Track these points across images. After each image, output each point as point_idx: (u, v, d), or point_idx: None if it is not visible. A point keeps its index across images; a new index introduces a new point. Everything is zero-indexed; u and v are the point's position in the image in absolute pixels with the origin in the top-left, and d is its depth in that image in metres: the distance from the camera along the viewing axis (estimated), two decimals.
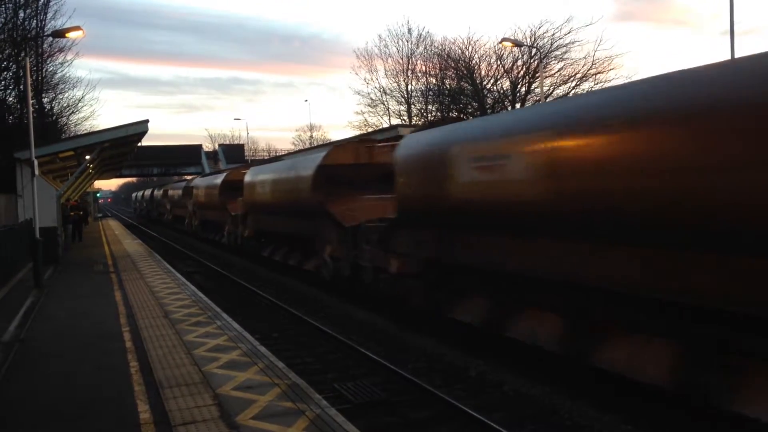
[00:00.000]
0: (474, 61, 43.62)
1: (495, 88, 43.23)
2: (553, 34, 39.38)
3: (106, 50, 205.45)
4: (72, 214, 32.34)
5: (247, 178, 26.13)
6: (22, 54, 29.42)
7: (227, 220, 31.31)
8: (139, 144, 33.41)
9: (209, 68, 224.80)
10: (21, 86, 30.18)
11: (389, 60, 49.85)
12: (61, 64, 36.44)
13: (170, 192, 56.41)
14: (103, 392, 7.83)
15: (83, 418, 7.03)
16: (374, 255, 14.96)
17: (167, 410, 6.98)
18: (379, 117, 50.85)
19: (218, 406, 7.05)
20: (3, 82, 31.27)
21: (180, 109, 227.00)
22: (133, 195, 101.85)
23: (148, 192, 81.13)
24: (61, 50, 35.13)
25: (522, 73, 41.50)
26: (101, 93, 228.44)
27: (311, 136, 73.29)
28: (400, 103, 49.76)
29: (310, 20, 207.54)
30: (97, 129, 34.67)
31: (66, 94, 38.92)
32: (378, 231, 14.86)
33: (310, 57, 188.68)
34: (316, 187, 17.97)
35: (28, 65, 20.56)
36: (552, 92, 39.15)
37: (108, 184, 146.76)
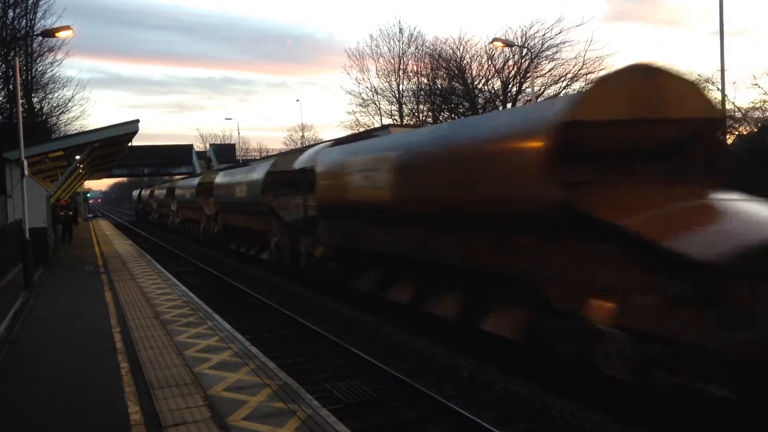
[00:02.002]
0: (465, 61, 43.70)
1: (486, 87, 43.31)
2: (544, 34, 39.50)
3: (97, 50, 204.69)
4: (62, 214, 32.18)
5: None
6: (12, 53, 29.27)
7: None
8: (130, 144, 33.31)
9: (202, 68, 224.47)
10: (10, 86, 29.98)
11: (381, 60, 49.87)
12: (51, 63, 36.28)
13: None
14: (94, 393, 7.81)
15: (73, 419, 7.00)
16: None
17: (158, 411, 6.96)
18: (370, 117, 50.85)
19: (209, 407, 7.04)
20: None
21: (172, 108, 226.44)
22: (135, 193, 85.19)
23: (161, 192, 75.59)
24: (50, 50, 34.98)
25: (513, 73, 41.59)
26: (92, 93, 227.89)
27: (303, 136, 73.24)
28: (391, 103, 49.77)
29: (303, 20, 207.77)
30: (88, 129, 34.58)
31: (56, 94, 38.74)
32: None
33: (303, 57, 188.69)
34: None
35: (17, 65, 20.45)
36: (543, 92, 39.27)
37: (98, 184, 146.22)
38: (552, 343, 9.10)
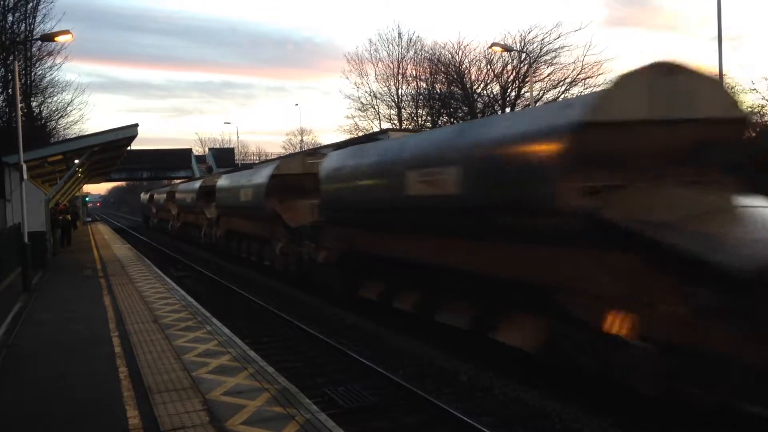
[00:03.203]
0: (464, 66, 43.78)
1: (485, 92, 43.38)
2: (543, 39, 39.59)
3: (96, 54, 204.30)
4: (61, 218, 32.15)
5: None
6: (11, 57, 29.30)
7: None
8: (129, 148, 33.33)
9: (201, 72, 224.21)
10: (9, 90, 30.04)
11: (380, 64, 49.91)
12: (50, 67, 36.40)
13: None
14: (92, 397, 7.79)
15: (72, 423, 6.99)
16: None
17: (156, 416, 6.95)
18: (369, 121, 50.87)
19: (208, 412, 7.03)
20: None
21: (172, 112, 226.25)
22: (144, 196, 70.05)
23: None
24: (50, 54, 35.11)
25: (512, 77, 41.66)
26: (92, 97, 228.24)
27: (302, 140, 73.25)
28: (390, 107, 49.81)
29: (303, 24, 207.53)
30: (87, 133, 34.61)
31: (55, 98, 38.86)
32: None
33: (303, 61, 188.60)
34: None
35: (16, 69, 20.49)
36: (542, 96, 39.33)
37: (97, 188, 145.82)
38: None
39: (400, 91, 49.00)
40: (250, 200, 23.85)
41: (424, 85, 46.85)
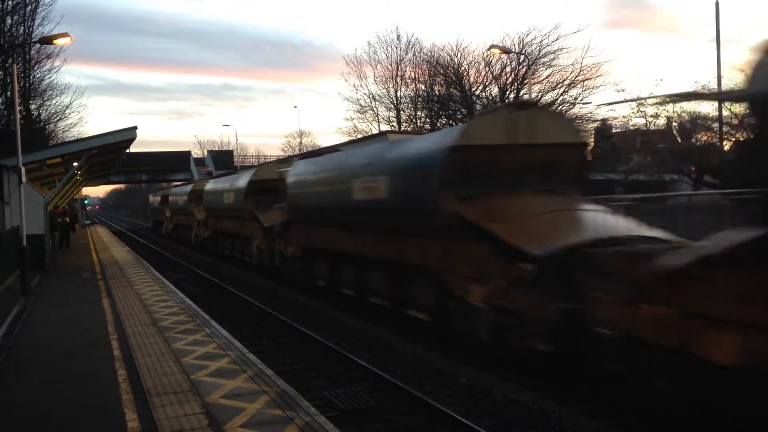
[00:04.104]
0: (463, 68, 43.82)
1: (484, 94, 43.39)
2: (541, 41, 39.61)
3: (96, 56, 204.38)
4: (59, 220, 32.15)
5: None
6: (10, 60, 29.32)
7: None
8: (128, 150, 33.33)
9: (201, 74, 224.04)
10: (8, 93, 30.03)
11: (378, 66, 49.96)
12: (49, 70, 36.35)
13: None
14: (91, 401, 7.79)
15: (71, 426, 6.99)
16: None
17: (155, 419, 6.95)
18: (368, 123, 50.91)
19: (207, 415, 7.03)
20: None
21: (171, 115, 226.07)
22: (154, 198, 60.52)
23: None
24: (48, 57, 35.06)
25: (510, 79, 41.69)
26: (92, 99, 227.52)
27: (300, 143, 73.25)
28: (389, 110, 49.85)
29: (302, 27, 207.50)
30: (86, 135, 34.62)
31: (54, 101, 38.79)
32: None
33: (302, 63, 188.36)
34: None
35: (15, 72, 20.52)
36: (541, 98, 39.36)
37: (96, 191, 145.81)
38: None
39: (398, 93, 49.13)
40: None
41: (423, 87, 46.94)
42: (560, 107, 39.02)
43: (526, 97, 37.49)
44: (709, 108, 30.91)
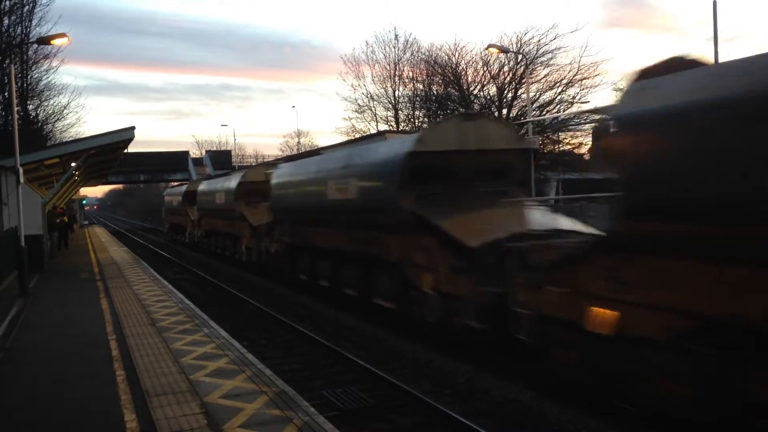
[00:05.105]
0: (461, 67, 43.77)
1: (482, 93, 43.35)
2: (539, 41, 39.58)
3: (95, 57, 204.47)
4: (58, 221, 32.11)
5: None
6: (7, 61, 29.27)
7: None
8: (126, 151, 33.28)
9: (199, 74, 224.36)
10: (6, 93, 29.99)
11: (376, 66, 49.85)
12: (47, 71, 36.25)
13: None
14: (90, 401, 7.78)
15: (70, 427, 6.98)
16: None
17: (154, 419, 6.94)
18: (366, 123, 50.84)
19: (206, 415, 7.02)
20: None
21: (169, 115, 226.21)
22: (170, 197, 48.36)
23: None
24: (46, 57, 34.95)
25: (508, 78, 41.66)
26: (90, 100, 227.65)
27: (299, 142, 73.21)
28: (387, 109, 49.77)
29: (300, 27, 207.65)
30: (84, 136, 34.54)
31: (51, 101, 38.69)
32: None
33: (301, 63, 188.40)
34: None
35: (13, 72, 20.45)
36: (538, 98, 39.38)
37: (94, 191, 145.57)
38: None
39: (396, 92, 49.03)
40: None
41: (421, 86, 46.86)
42: (558, 106, 39.07)
43: (524, 96, 37.55)
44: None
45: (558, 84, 39.63)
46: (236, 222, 26.96)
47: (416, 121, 47.43)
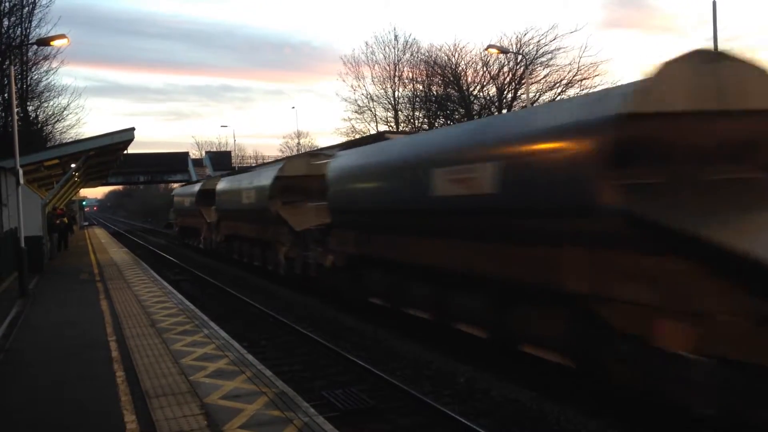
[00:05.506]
0: (460, 68, 43.80)
1: (481, 94, 43.40)
2: (539, 41, 39.62)
3: (95, 58, 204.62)
4: (58, 222, 32.13)
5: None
6: (7, 62, 29.27)
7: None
8: (126, 152, 33.28)
9: (199, 75, 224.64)
10: (5, 94, 30.00)
11: (376, 67, 49.85)
12: (47, 72, 36.28)
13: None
14: (90, 402, 7.78)
15: (69, 428, 6.98)
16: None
17: (154, 420, 6.94)
18: (366, 123, 50.84)
19: (206, 416, 7.02)
20: None
21: (169, 116, 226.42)
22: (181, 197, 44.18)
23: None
24: (46, 58, 34.99)
25: (508, 79, 41.70)
26: (90, 101, 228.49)
27: (299, 143, 73.18)
28: (387, 110, 49.77)
29: (301, 28, 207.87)
30: (84, 137, 34.57)
31: (51, 102, 38.72)
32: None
33: (301, 64, 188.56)
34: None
35: (12, 73, 20.47)
36: (538, 98, 39.36)
37: (94, 192, 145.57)
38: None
39: (396, 93, 49.03)
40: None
41: (421, 87, 46.89)
42: None
43: (524, 97, 37.55)
44: None
45: (558, 84, 39.69)
46: (270, 226, 21.57)
47: (416, 121, 47.47)
